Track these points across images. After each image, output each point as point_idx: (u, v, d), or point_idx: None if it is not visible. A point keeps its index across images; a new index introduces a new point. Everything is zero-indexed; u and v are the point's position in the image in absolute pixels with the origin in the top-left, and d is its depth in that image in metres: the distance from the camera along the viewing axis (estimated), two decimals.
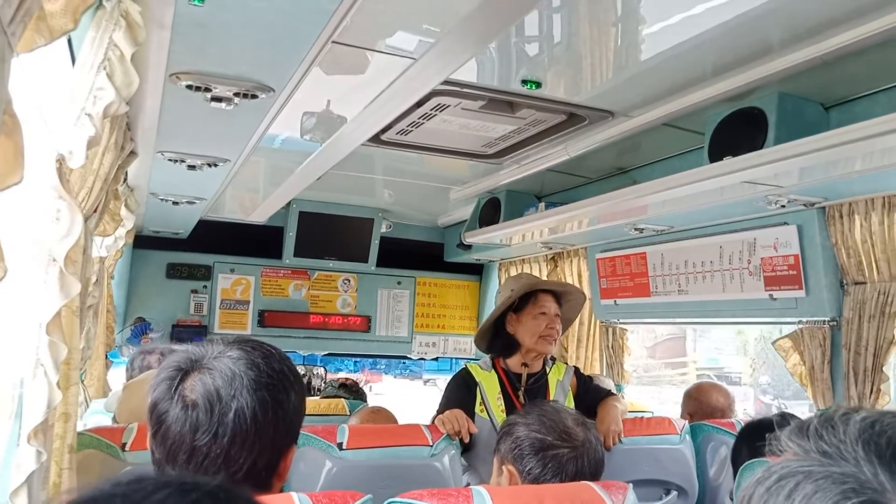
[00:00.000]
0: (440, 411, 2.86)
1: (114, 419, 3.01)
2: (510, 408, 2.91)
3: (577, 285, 5.03)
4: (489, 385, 3.00)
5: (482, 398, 2.97)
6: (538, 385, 3.06)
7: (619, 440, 2.89)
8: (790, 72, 2.32)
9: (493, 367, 3.08)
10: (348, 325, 5.87)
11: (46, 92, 1.78)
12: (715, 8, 2.02)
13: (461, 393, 2.99)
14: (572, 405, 2.97)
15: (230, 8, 1.72)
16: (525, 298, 3.12)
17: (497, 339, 3.15)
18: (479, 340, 3.27)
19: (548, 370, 3.12)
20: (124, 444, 2.26)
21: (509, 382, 3.03)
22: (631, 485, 1.86)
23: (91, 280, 2.76)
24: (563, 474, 1.84)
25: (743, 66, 2.40)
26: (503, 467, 1.93)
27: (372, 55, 2.05)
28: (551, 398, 2.99)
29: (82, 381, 3.84)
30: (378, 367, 7.19)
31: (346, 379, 5.26)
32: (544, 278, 5.25)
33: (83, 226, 1.91)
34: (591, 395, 3.11)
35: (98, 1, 1.39)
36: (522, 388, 3.01)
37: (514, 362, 3.08)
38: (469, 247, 5.20)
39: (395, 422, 3.11)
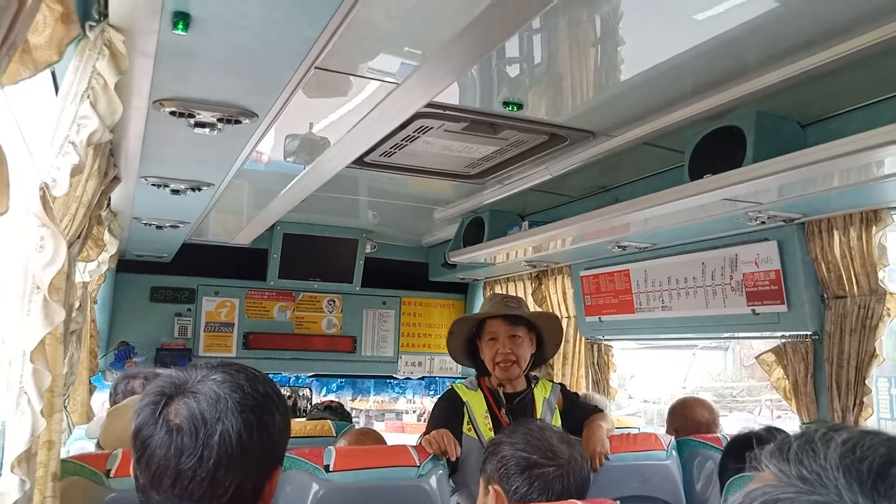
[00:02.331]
0: (427, 431, 2.83)
1: (98, 445, 2.98)
2: (497, 426, 2.87)
3: (562, 303, 5.05)
4: (476, 404, 2.98)
5: (470, 417, 2.95)
6: (523, 403, 3.03)
7: (607, 458, 2.89)
8: (767, 91, 2.36)
9: (479, 386, 3.06)
10: (334, 345, 5.86)
11: (30, 121, 1.78)
12: (693, 29, 2.06)
13: (448, 414, 2.95)
14: (559, 423, 2.97)
15: (213, 36, 1.74)
16: (480, 325, 3.12)
17: (476, 360, 3.15)
18: (458, 360, 3.31)
19: (533, 387, 3.08)
20: (108, 471, 2.23)
21: (495, 401, 3.00)
22: (618, 502, 1.87)
23: (74, 305, 2.75)
24: (549, 493, 1.84)
25: (721, 86, 2.43)
26: (489, 487, 1.93)
27: (355, 80, 2.07)
28: (538, 416, 2.98)
29: (65, 408, 3.81)
30: (363, 387, 7.17)
31: (332, 401, 5.24)
32: (529, 296, 5.29)
33: (67, 251, 1.91)
34: (578, 413, 3.10)
35: (81, 33, 1.40)
36: (505, 407, 2.98)
37: (494, 382, 3.06)
38: (454, 266, 5.22)
39: (383, 443, 3.10)
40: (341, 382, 6.79)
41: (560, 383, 3.26)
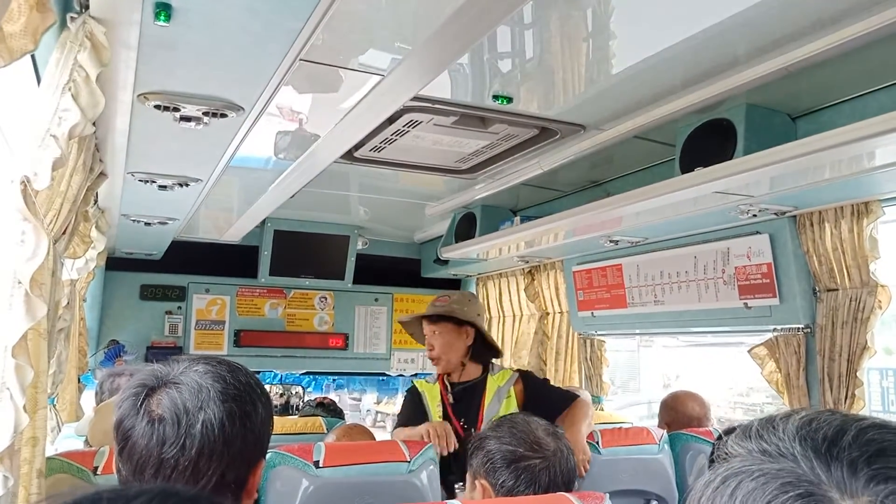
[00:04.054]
0: (397, 425, 3.14)
1: (86, 443, 2.96)
2: (446, 415, 3.12)
3: (555, 298, 5.05)
4: (431, 395, 3.20)
5: (425, 407, 3.17)
6: (470, 391, 3.13)
7: (598, 452, 2.89)
8: (757, 83, 2.35)
9: (438, 378, 3.24)
10: (326, 342, 5.84)
11: (11, 113, 1.76)
12: (682, 22, 2.05)
13: (411, 406, 3.22)
14: (512, 409, 3.01)
15: (196, 27, 1.72)
16: None
17: None
18: None
19: (490, 376, 3.15)
20: (96, 468, 2.22)
21: (445, 390, 3.18)
22: (607, 495, 1.86)
23: (61, 303, 2.73)
24: (536, 485, 1.83)
25: (711, 79, 2.42)
26: (476, 482, 1.92)
27: (341, 72, 2.05)
28: (486, 403, 3.05)
29: (54, 406, 3.79)
30: (355, 385, 7.17)
31: (324, 398, 5.23)
32: (521, 291, 5.32)
33: (52, 248, 1.88)
34: (547, 399, 3.07)
35: (57, 21, 1.38)
36: (452, 395, 3.15)
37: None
38: (446, 262, 5.21)
39: (373, 438, 3.09)
40: (334, 380, 6.78)
41: (523, 370, 3.27)
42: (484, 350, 3.22)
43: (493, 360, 3.27)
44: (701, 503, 0.70)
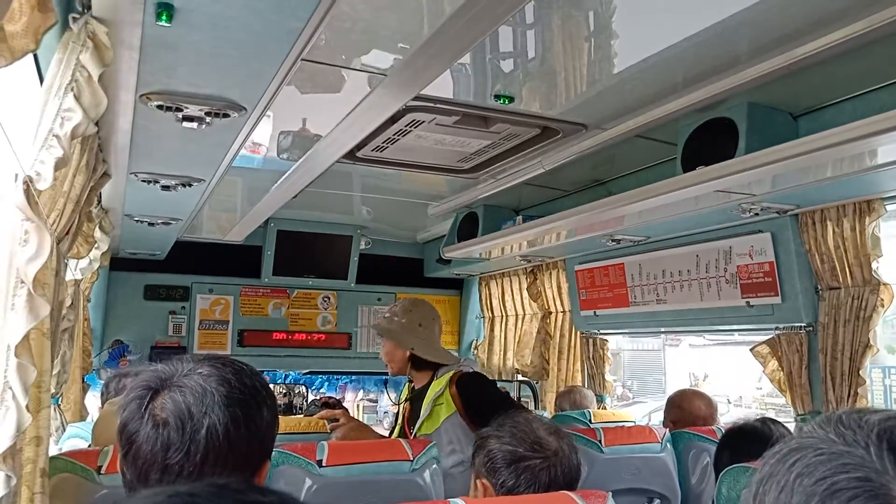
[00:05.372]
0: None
1: (91, 445, 2.97)
2: (403, 418, 3.26)
3: (557, 297, 5.06)
4: (404, 399, 3.39)
5: (399, 408, 3.41)
6: (417, 397, 3.18)
7: (601, 452, 2.90)
8: (758, 82, 2.35)
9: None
10: (329, 342, 5.85)
11: (14, 112, 1.77)
12: (684, 21, 2.05)
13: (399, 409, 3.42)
14: (446, 414, 2.98)
15: (198, 27, 1.72)
16: None
17: None
18: None
19: (434, 380, 3.10)
20: (100, 467, 2.22)
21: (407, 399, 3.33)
22: (610, 493, 1.86)
23: (65, 303, 2.74)
24: (536, 485, 1.83)
25: (712, 78, 2.42)
26: (477, 481, 1.93)
27: (343, 72, 2.06)
28: (423, 406, 3.06)
29: (59, 405, 3.80)
30: (371, 386, 7.19)
31: (330, 397, 5.22)
32: (524, 291, 5.33)
33: (55, 248, 1.89)
34: (488, 409, 2.43)
35: (59, 21, 1.38)
36: (407, 398, 3.30)
37: None
38: (448, 262, 5.21)
39: (376, 438, 3.10)
40: (336, 379, 6.77)
41: (463, 373, 3.07)
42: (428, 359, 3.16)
43: (444, 364, 3.15)
44: (763, 471, 0.71)
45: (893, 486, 0.61)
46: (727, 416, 4.74)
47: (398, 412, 3.42)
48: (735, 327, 3.92)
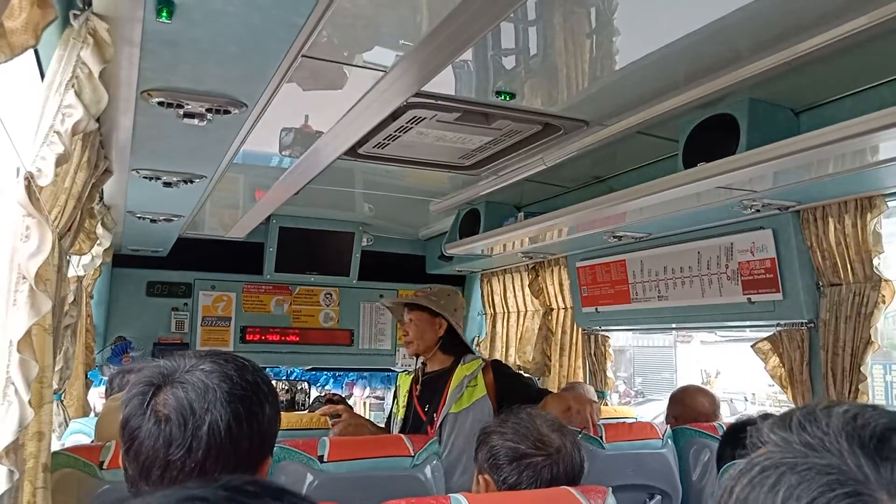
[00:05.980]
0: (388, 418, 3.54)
1: (94, 440, 2.98)
2: (410, 402, 3.37)
3: (559, 294, 5.06)
4: (404, 385, 3.48)
5: (398, 397, 3.49)
6: (437, 379, 3.28)
7: (600, 440, 2.90)
8: (760, 78, 2.35)
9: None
10: (331, 338, 5.86)
11: (16, 108, 1.78)
12: (685, 17, 2.04)
13: (391, 397, 3.59)
14: (478, 396, 3.14)
15: (199, 24, 1.73)
16: None
17: None
18: None
19: (460, 366, 3.26)
20: (102, 463, 2.24)
21: (415, 381, 3.42)
22: (610, 489, 1.87)
23: (68, 299, 2.74)
24: (538, 482, 1.83)
25: (714, 74, 2.42)
26: (479, 477, 1.93)
27: (343, 68, 2.06)
28: (451, 389, 3.16)
29: (61, 401, 3.81)
30: (377, 383, 7.22)
31: (334, 394, 5.22)
32: (526, 288, 5.33)
33: (57, 244, 1.90)
34: (526, 394, 3.10)
35: (60, 17, 1.39)
36: (421, 382, 3.38)
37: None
38: (450, 258, 5.22)
39: (375, 433, 3.11)
40: (339, 376, 6.78)
41: (491, 360, 3.44)
42: (457, 343, 3.36)
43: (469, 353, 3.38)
44: (735, 493, 0.68)
45: (881, 493, 0.61)
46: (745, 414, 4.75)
47: (395, 392, 3.54)
48: (736, 324, 3.92)
